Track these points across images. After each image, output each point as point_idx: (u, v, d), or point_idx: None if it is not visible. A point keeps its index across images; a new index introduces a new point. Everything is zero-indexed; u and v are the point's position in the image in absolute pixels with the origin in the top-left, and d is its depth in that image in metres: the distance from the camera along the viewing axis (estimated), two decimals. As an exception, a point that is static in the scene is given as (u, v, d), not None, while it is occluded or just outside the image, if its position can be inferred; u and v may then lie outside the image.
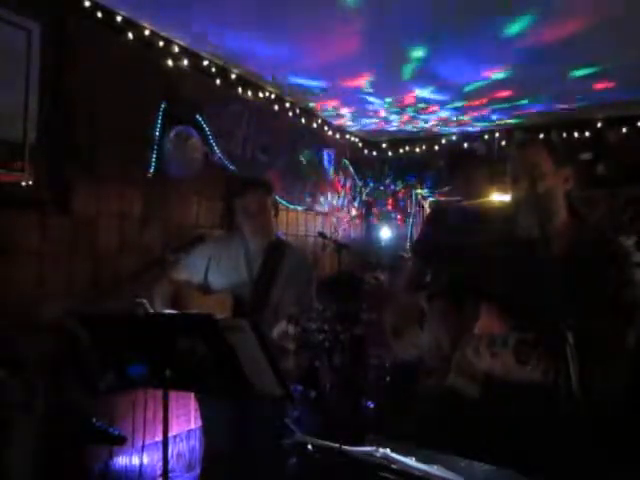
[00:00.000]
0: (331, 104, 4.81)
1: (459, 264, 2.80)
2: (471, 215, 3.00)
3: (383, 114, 5.07)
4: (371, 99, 4.60)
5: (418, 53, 3.62)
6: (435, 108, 4.84)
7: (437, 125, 5.41)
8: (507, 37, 3.32)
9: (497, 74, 3.95)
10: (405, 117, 5.16)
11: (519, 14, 3.05)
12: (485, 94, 4.38)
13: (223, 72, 3.91)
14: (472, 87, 4.23)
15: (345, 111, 5.01)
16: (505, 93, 4.35)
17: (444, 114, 4.99)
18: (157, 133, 3.39)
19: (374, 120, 5.27)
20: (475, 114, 4.96)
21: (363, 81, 4.18)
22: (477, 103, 4.62)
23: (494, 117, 5.02)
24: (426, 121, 5.25)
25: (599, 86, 4.15)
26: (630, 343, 1.65)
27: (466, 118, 5.09)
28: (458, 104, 4.67)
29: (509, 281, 1.72)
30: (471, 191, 3.10)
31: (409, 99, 4.60)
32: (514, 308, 1.72)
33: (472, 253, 2.66)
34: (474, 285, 1.89)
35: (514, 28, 3.22)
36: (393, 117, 5.16)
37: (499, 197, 4.71)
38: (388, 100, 4.65)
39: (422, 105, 4.76)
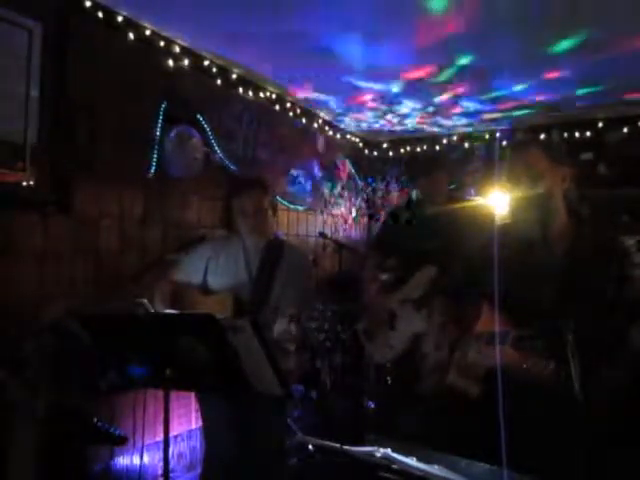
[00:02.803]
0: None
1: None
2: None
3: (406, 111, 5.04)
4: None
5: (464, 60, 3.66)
6: (410, 104, 4.79)
7: (437, 125, 5.40)
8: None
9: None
10: (419, 119, 5.16)
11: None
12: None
13: (224, 72, 3.91)
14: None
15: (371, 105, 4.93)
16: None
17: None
18: (158, 133, 3.39)
19: (374, 120, 5.26)
20: (457, 109, 4.90)
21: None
22: (449, 95, 4.54)
23: (484, 110, 4.97)
24: (435, 123, 5.25)
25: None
26: (630, 343, 1.65)
27: (454, 111, 5.03)
28: (434, 99, 4.61)
29: (509, 281, 1.72)
30: (436, 195, 3.14)
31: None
32: (514, 308, 1.72)
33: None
34: (473, 285, 1.90)
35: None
36: (409, 120, 5.18)
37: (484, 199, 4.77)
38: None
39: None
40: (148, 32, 3.31)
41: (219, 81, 3.89)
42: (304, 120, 4.89)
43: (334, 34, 3.37)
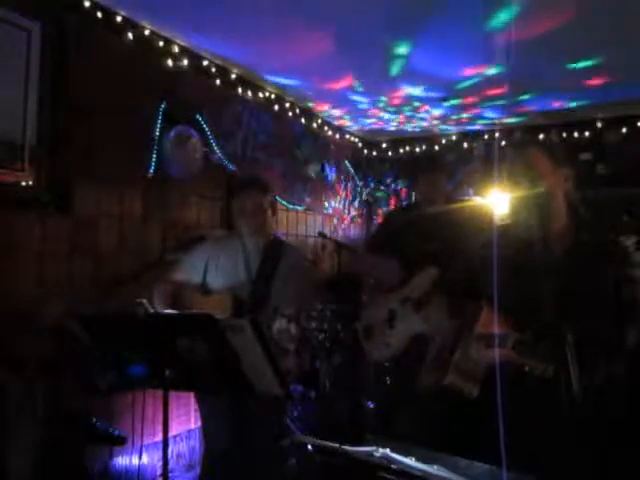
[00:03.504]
0: (325, 106, 4.82)
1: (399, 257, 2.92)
2: (417, 222, 3.07)
3: (379, 114, 5.05)
4: (360, 98, 4.59)
5: (402, 50, 3.59)
6: (427, 107, 4.81)
7: (437, 125, 5.41)
8: (493, 30, 3.24)
9: (488, 70, 3.89)
10: (402, 117, 5.15)
11: (505, 5, 3.00)
12: (477, 91, 4.32)
13: (223, 72, 3.91)
14: (464, 84, 4.18)
15: (338, 112, 5.01)
16: (498, 90, 4.30)
17: (437, 112, 4.96)
18: (157, 133, 3.39)
19: (372, 120, 5.26)
20: (472, 112, 4.93)
21: (348, 82, 4.18)
22: (470, 101, 4.59)
23: (491, 115, 4.99)
24: (423, 119, 5.23)
25: (595, 82, 4.11)
26: (630, 343, 1.65)
27: (464, 116, 5.07)
28: (453, 102, 4.63)
29: (509, 281, 1.72)
30: (434, 195, 3.15)
31: (397, 99, 4.59)
32: (514, 308, 1.72)
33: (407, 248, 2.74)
34: (473, 285, 1.90)
35: (500, 19, 3.15)
36: (389, 117, 5.14)
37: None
38: (382, 99, 4.62)
39: (416, 104, 4.74)
40: (147, 32, 3.31)
41: (218, 81, 3.89)
42: (303, 120, 4.89)
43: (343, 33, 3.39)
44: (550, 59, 3.70)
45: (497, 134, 5.39)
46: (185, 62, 3.59)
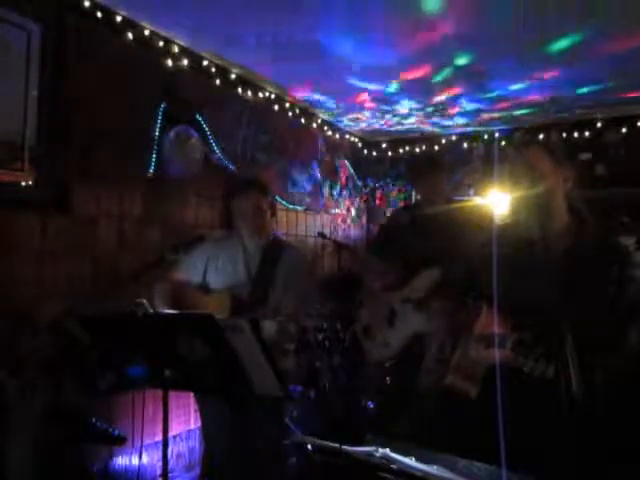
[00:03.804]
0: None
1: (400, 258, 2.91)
2: (418, 222, 3.07)
3: (404, 112, 5.05)
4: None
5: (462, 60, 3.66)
6: (456, 110, 4.85)
7: (438, 125, 5.41)
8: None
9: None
10: (418, 119, 5.16)
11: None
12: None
13: (223, 72, 3.91)
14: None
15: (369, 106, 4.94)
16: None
17: (462, 120, 5.01)
18: (157, 133, 3.39)
19: (373, 120, 5.26)
20: (456, 108, 4.91)
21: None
22: (447, 95, 4.54)
23: (483, 110, 4.96)
24: (434, 123, 5.25)
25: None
26: (630, 343, 1.65)
27: (452, 111, 5.03)
28: (433, 99, 4.62)
29: (509, 281, 1.72)
30: (435, 195, 3.16)
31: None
32: (514, 308, 1.72)
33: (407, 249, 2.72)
34: (473, 285, 1.90)
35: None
36: (409, 119, 5.17)
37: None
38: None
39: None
40: (147, 32, 3.31)
41: (218, 81, 3.89)
42: (303, 120, 4.89)
43: (334, 35, 3.37)
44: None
45: (497, 134, 5.39)
46: (185, 62, 3.58)
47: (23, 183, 2.69)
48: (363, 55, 3.67)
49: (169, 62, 3.49)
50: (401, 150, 5.98)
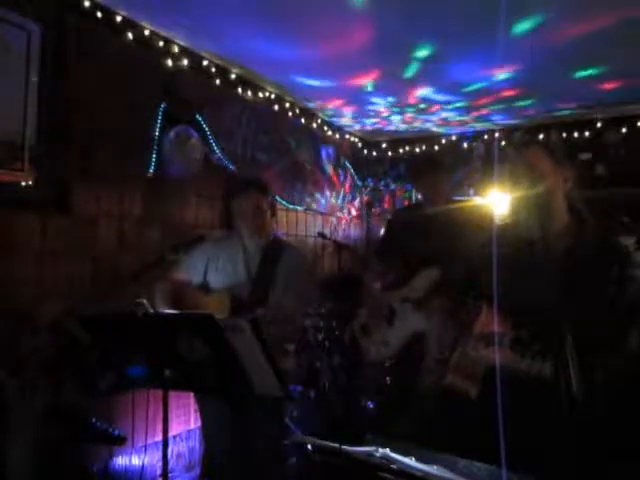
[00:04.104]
0: (334, 103, 4.79)
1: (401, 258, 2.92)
2: (418, 222, 3.08)
3: (385, 114, 5.05)
4: (374, 99, 4.60)
5: (423, 53, 3.60)
6: (437, 108, 4.82)
7: (437, 125, 5.41)
8: (515, 36, 3.26)
9: (501, 74, 3.92)
10: (407, 117, 5.15)
11: (529, 13, 3.02)
12: (488, 94, 4.34)
13: (223, 72, 3.91)
14: (475, 87, 4.21)
15: (347, 110, 4.99)
16: (508, 93, 4.33)
17: (445, 114, 4.98)
18: (157, 133, 3.39)
19: (375, 120, 5.26)
20: (477, 114, 4.95)
21: (366, 80, 4.16)
22: (480, 103, 4.61)
23: (495, 118, 5.00)
24: (427, 121, 5.23)
25: (605, 87, 4.15)
26: (630, 343, 1.65)
27: (467, 118, 5.08)
28: (461, 104, 4.66)
29: (509, 281, 1.72)
30: (437, 196, 3.17)
31: (411, 99, 4.59)
32: (514, 308, 1.72)
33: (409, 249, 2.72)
34: (473, 285, 1.90)
35: (523, 27, 3.17)
36: (394, 117, 5.15)
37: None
38: (390, 100, 4.63)
39: (423, 105, 4.76)
40: (147, 32, 3.31)
41: (218, 81, 3.89)
42: (303, 120, 4.89)
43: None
44: (560, 67, 3.74)
45: (497, 134, 5.39)
46: (185, 62, 3.58)
47: (23, 183, 2.69)
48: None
49: (169, 62, 3.49)
50: (401, 150, 5.98)
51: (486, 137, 5.47)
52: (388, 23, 3.19)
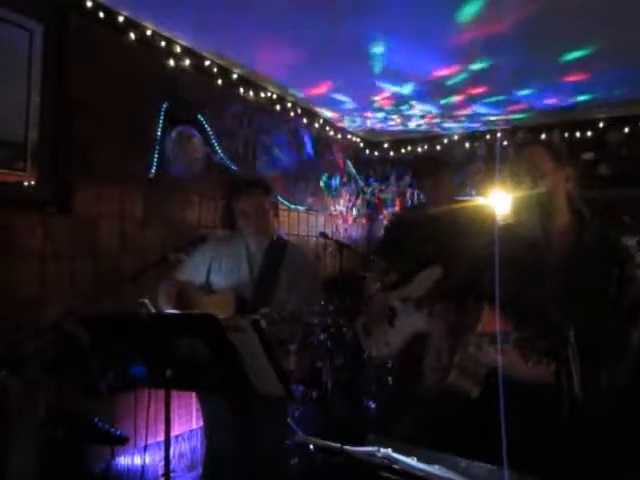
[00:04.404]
0: (318, 108, 4.82)
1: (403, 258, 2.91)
2: (421, 221, 3.07)
3: (369, 114, 5.06)
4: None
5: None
6: (420, 106, 4.80)
7: (438, 125, 5.40)
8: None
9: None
10: (397, 117, 5.15)
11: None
12: (464, 88, 4.30)
13: (225, 72, 3.91)
14: (453, 81, 4.14)
15: (332, 115, 5.01)
16: (481, 89, 4.30)
17: (430, 110, 4.94)
18: (159, 133, 3.40)
19: (375, 119, 5.26)
20: (465, 110, 4.91)
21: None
22: (460, 98, 4.56)
23: (485, 112, 4.95)
24: (409, 118, 5.21)
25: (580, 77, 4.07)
26: (632, 343, 1.65)
27: (459, 113, 5.04)
28: (443, 101, 4.63)
29: (511, 280, 1.72)
30: (440, 195, 3.16)
31: (385, 100, 4.59)
32: (516, 307, 1.72)
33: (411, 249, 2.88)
34: (475, 285, 1.89)
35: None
36: (379, 115, 5.13)
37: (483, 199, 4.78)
38: (368, 99, 4.63)
39: (404, 107, 4.77)
40: (149, 32, 3.32)
41: (220, 81, 3.89)
42: (305, 120, 4.89)
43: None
44: (534, 52, 3.61)
45: (499, 134, 5.39)
46: (187, 62, 3.59)
47: (25, 183, 2.69)
48: (392, 56, 3.68)
49: (171, 62, 3.50)
50: (403, 150, 5.98)
51: (488, 137, 5.46)
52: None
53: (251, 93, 4.19)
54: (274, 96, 4.43)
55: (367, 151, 6.09)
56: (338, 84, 4.26)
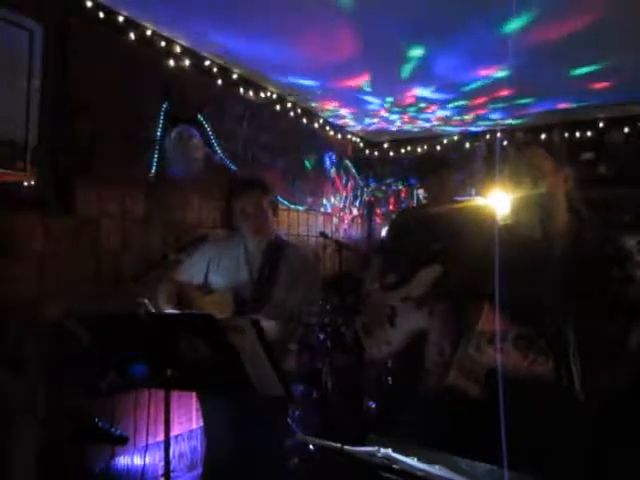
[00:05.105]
0: (331, 105, 4.80)
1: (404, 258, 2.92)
2: (423, 221, 3.08)
3: (383, 114, 5.05)
4: (370, 99, 4.60)
5: (416, 52, 3.61)
6: (435, 107, 4.82)
7: (438, 125, 5.40)
8: (506, 34, 3.27)
9: (497, 72, 3.91)
10: (406, 117, 5.16)
11: (519, 11, 3.02)
12: (485, 93, 4.35)
13: (224, 72, 3.91)
14: (472, 86, 4.21)
15: (345, 112, 5.01)
16: (505, 92, 4.34)
17: (443, 113, 4.97)
18: (158, 133, 3.40)
19: (375, 120, 5.26)
20: (476, 113, 4.95)
21: (361, 81, 4.17)
22: (477, 102, 4.61)
23: (495, 116, 4.99)
24: (427, 120, 5.23)
25: (598, 86, 4.15)
26: (631, 343, 1.65)
27: (467, 117, 5.07)
28: (459, 103, 4.66)
29: (511, 281, 1.72)
30: (443, 195, 3.18)
31: (409, 99, 4.60)
32: (515, 308, 1.72)
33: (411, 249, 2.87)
34: (475, 285, 1.90)
35: (514, 25, 3.19)
36: (394, 117, 5.15)
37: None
38: (389, 100, 4.64)
39: (423, 105, 4.76)
40: (149, 32, 3.32)
41: (220, 81, 3.89)
42: (305, 120, 4.89)
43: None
44: (555, 64, 3.73)
45: (499, 134, 5.39)
46: (187, 62, 3.59)
47: (25, 183, 2.69)
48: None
49: (171, 62, 3.50)
50: (403, 150, 5.98)
51: (488, 137, 5.46)
52: (379, 23, 3.20)
53: (251, 93, 4.19)
54: (274, 96, 4.43)
55: (367, 151, 6.09)
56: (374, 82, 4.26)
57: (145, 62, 3.32)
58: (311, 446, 1.53)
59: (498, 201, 3.38)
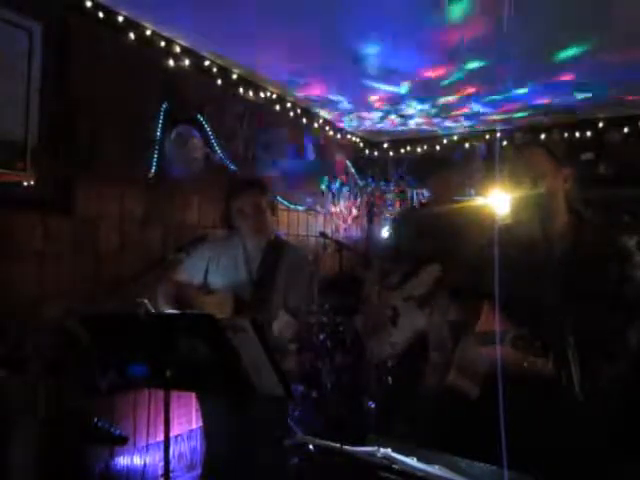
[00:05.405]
0: (332, 104, 4.80)
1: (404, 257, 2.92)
2: (424, 220, 3.09)
3: (366, 115, 5.07)
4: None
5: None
6: (418, 107, 4.80)
7: (438, 125, 5.40)
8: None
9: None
10: (393, 121, 5.18)
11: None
12: (458, 89, 4.28)
13: (224, 72, 3.91)
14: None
15: (346, 111, 5.00)
16: (477, 88, 4.28)
17: (426, 110, 4.92)
18: (158, 133, 3.39)
19: (374, 120, 5.26)
20: (461, 110, 4.90)
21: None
22: (453, 100, 4.55)
23: (482, 111, 4.92)
24: (411, 117, 5.20)
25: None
26: (631, 343, 1.65)
27: (455, 113, 5.03)
28: (440, 100, 4.61)
29: (510, 281, 1.72)
30: (443, 195, 3.18)
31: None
32: (515, 308, 1.72)
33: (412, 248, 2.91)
34: (474, 285, 1.90)
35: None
36: (393, 117, 5.14)
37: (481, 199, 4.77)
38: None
39: (402, 106, 4.76)
40: (149, 32, 3.31)
41: (220, 81, 3.89)
42: (305, 120, 4.89)
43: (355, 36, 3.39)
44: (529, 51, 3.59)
45: (499, 134, 5.38)
46: (186, 62, 3.59)
47: (25, 183, 2.69)
48: (384, 57, 3.68)
49: (171, 62, 3.50)
50: (402, 150, 5.98)
51: (487, 137, 5.46)
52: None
53: (251, 93, 4.19)
54: (274, 96, 4.43)
55: (367, 151, 6.08)
56: (333, 85, 4.27)
57: (145, 62, 3.32)
58: (311, 446, 1.52)
59: (498, 201, 3.38)
